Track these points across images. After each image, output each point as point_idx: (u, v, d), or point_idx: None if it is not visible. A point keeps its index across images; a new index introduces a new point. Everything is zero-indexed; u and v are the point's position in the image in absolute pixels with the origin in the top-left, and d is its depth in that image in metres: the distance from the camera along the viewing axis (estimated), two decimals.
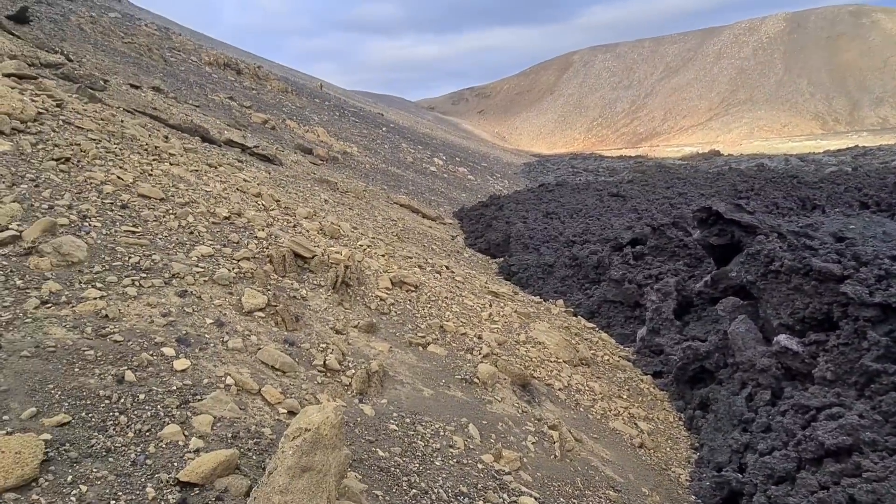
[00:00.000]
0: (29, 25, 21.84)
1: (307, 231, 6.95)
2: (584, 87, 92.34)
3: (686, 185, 27.25)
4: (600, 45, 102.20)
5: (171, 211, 5.49)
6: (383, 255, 7.68)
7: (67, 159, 5.54)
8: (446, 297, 7.07)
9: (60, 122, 6.43)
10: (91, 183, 5.33)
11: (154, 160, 6.74)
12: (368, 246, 7.87)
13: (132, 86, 21.76)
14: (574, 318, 10.39)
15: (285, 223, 6.84)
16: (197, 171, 7.27)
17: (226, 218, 5.89)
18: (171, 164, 6.91)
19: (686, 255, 11.31)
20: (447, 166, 43.14)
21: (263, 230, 5.99)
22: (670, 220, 12.17)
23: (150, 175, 6.12)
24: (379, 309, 6.02)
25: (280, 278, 5.35)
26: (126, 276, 4.27)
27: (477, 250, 19.55)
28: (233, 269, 5.07)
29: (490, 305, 7.64)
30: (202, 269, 4.81)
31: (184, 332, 3.92)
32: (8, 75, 7.80)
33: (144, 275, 4.39)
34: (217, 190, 6.69)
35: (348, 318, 5.42)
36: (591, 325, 10.46)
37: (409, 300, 6.50)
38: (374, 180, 28.93)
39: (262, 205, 7.22)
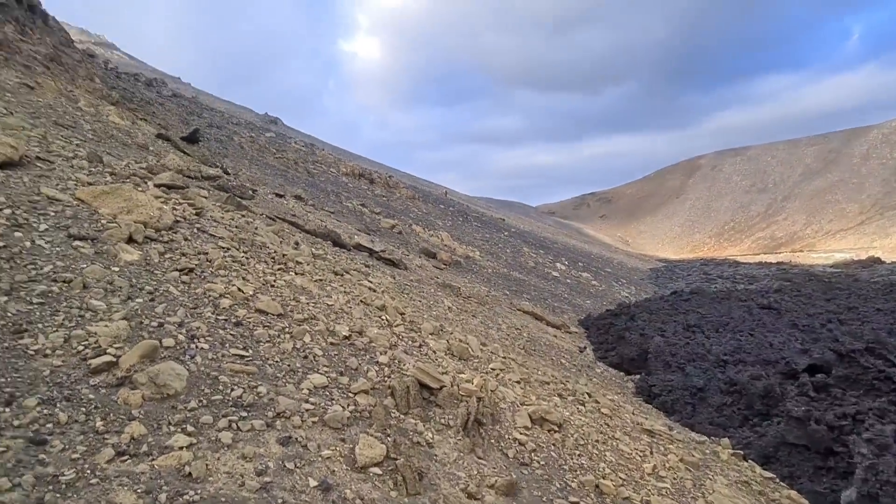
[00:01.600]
0: (198, 145, 24.38)
1: (434, 352, 6.06)
2: (713, 191, 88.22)
3: (851, 297, 23.76)
4: (729, 148, 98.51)
5: (287, 329, 4.86)
6: (518, 382, 6.54)
7: (191, 270, 5.18)
8: (596, 441, 5.72)
9: (195, 230, 6.23)
10: (209, 296, 4.87)
11: (279, 269, 6.33)
12: (501, 370, 6.79)
13: (277, 195, 23.20)
14: (745, 463, 8.39)
15: (410, 342, 6.01)
16: (321, 280, 6.77)
17: (346, 338, 5.16)
18: (295, 273, 6.46)
19: (891, 391, 9.00)
20: (570, 271, 41.74)
21: (386, 353, 5.17)
22: (862, 344, 9.93)
23: (272, 286, 5.64)
24: (518, 457, 4.83)
25: (402, 416, 4.41)
26: (224, 416, 3.54)
27: (608, 364, 17.70)
28: (348, 405, 4.22)
29: (650, 451, 6.13)
30: (312, 406, 4.00)
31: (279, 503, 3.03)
32: (159, 185, 7.98)
33: (245, 413, 3.64)
34: (340, 303, 6.06)
35: (482, 472, 4.29)
36: (768, 474, 8.38)
37: (554, 444, 5.26)
38: (496, 285, 28.11)
39: (386, 319, 6.49)
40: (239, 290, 5.15)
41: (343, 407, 4.16)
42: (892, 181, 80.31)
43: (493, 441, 4.84)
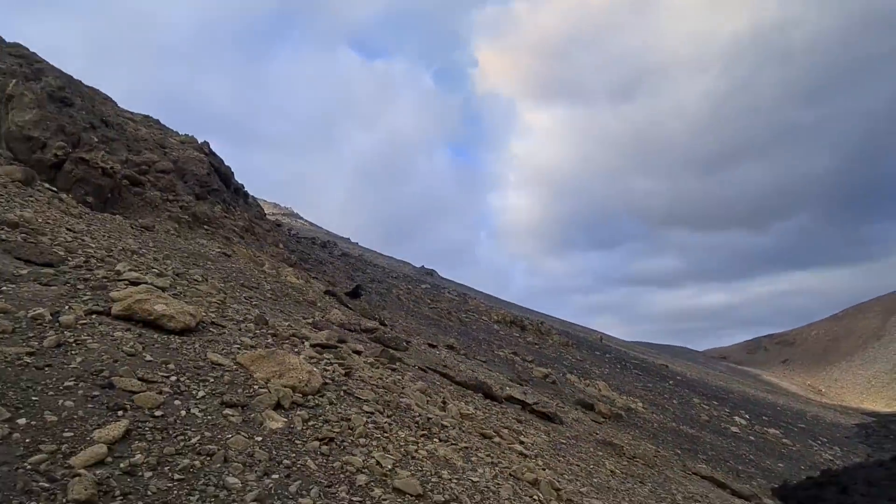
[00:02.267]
0: (360, 299, 26.11)
1: None
2: None
3: None
4: None
5: None
6: None
7: (332, 439, 4.95)
8: None
9: (341, 394, 6.14)
10: (346, 471, 4.54)
11: (423, 436, 5.90)
12: None
13: (430, 345, 23.59)
14: None
15: None
16: (467, 448, 6.19)
17: None
18: (439, 440, 5.99)
19: None
20: (752, 426, 36.52)
21: None
22: None
23: (413, 458, 5.19)
24: None
25: None
26: None
27: None
28: None
29: None
30: None
31: None
32: (315, 345, 8.23)
33: None
34: (486, 478, 5.39)
35: None
36: None
37: None
38: (664, 442, 25.21)
39: (538, 500, 5.62)
40: (378, 463, 4.77)
41: None
42: None
43: None
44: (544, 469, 7.33)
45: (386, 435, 5.48)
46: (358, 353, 13.13)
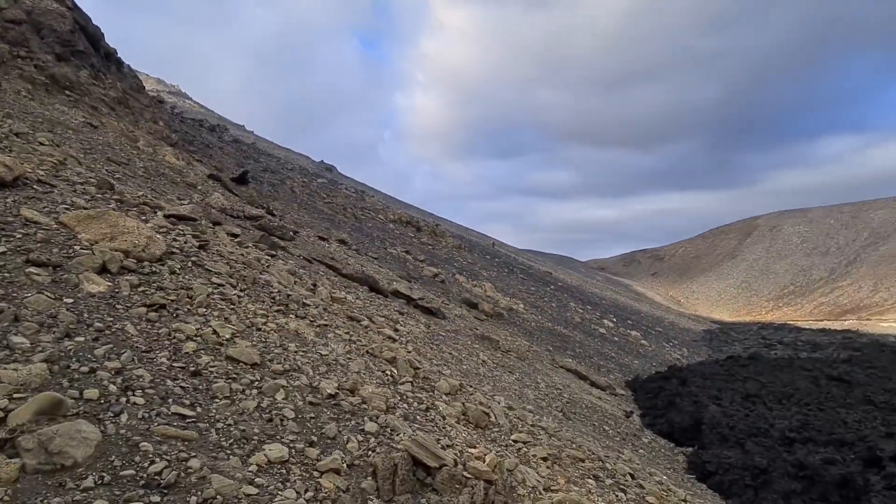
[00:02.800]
0: (247, 186, 24.54)
1: (442, 417, 5.03)
2: (772, 253, 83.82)
3: None
4: (789, 209, 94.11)
5: (257, 383, 3.99)
6: (545, 459, 5.38)
7: (163, 307, 4.44)
8: None
9: (188, 264, 5.55)
10: (174, 338, 4.09)
11: (277, 311, 5.53)
12: (526, 442, 5.66)
13: (321, 238, 22.87)
14: None
15: (415, 404, 5.01)
16: (326, 325, 5.92)
17: (330, 396, 4.24)
18: (296, 316, 5.65)
19: None
20: (618, 329, 39.73)
21: (378, 417, 4.19)
22: None
23: (259, 330, 4.82)
24: None
25: None
26: (126, 501, 2.65)
27: (657, 432, 16.04)
28: (306, 489, 3.25)
29: None
30: (256, 491, 3.05)
31: None
32: (170, 216, 7.43)
33: (157, 498, 2.74)
34: (336, 353, 5.15)
35: None
36: None
37: None
38: (538, 339, 26.70)
39: (391, 375, 5.51)
40: (214, 332, 4.35)
41: (298, 493, 3.20)
42: None
43: None
44: (410, 352, 7.29)
45: (232, 307, 5.03)
46: (234, 235, 12.32)
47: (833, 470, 9.57)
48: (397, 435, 4.18)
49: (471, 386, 7.14)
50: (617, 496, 5.52)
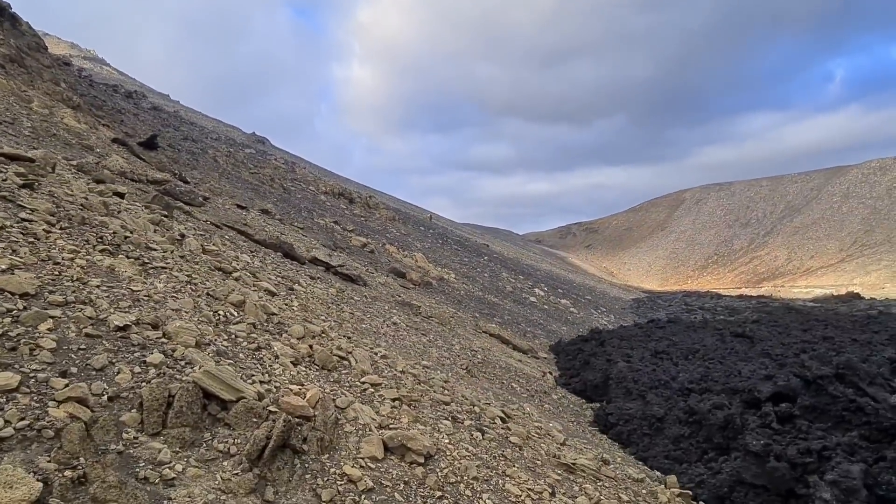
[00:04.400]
0: (156, 151, 23.06)
1: (275, 357, 4.62)
2: (697, 224, 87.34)
3: (828, 328, 22.46)
4: (713, 183, 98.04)
5: (15, 312, 3.44)
6: (395, 400, 5.06)
7: None
8: (475, 478, 4.28)
9: None
10: None
11: (101, 250, 4.91)
12: (376, 385, 5.31)
13: (239, 206, 21.81)
14: (692, 503, 6.92)
15: (244, 343, 4.56)
16: (162, 268, 5.32)
17: (119, 328, 3.74)
18: (127, 257, 5.04)
19: (863, 424, 7.58)
20: (548, 297, 40.29)
21: (175, 351, 3.73)
22: (831, 370, 8.52)
23: (55, 264, 4.24)
24: (335, 501, 3.39)
25: (143, 438, 2.99)
26: None
27: (570, 391, 16.24)
28: (21, 418, 2.76)
29: (552, 493, 4.67)
30: None
31: None
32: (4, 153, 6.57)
33: None
34: (155, 290, 4.61)
35: None
36: None
37: (406, 482, 3.83)
38: (466, 307, 26.59)
39: (225, 315, 5.01)
40: None
41: (8, 420, 2.74)
42: (872, 220, 79.90)
43: (306, 477, 3.42)
44: (288, 307, 6.78)
45: (31, 241, 4.40)
46: (120, 195, 11.37)
47: (718, 414, 9.78)
48: (189, 367, 3.73)
49: (336, 334, 6.72)
50: (472, 436, 5.28)
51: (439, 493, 3.97)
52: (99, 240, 5.17)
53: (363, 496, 3.61)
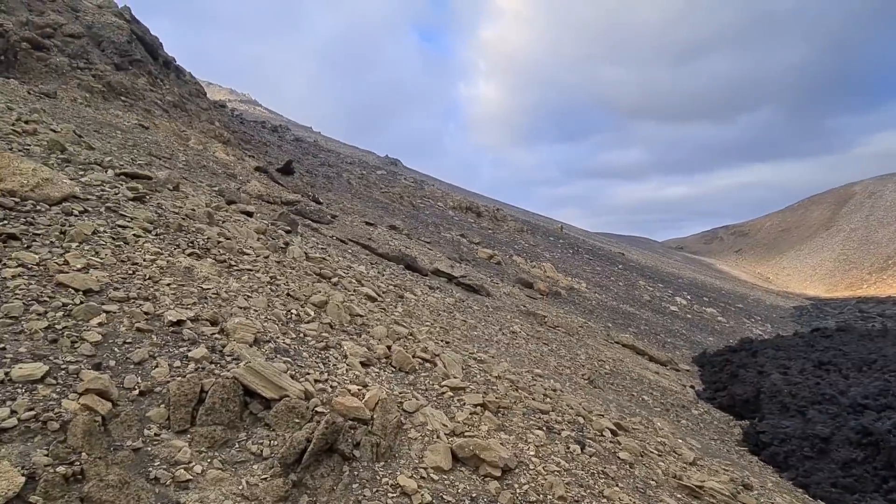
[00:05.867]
0: (292, 175, 24.73)
1: (344, 357, 4.27)
2: (872, 221, 75.63)
3: None
4: (890, 173, 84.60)
5: (70, 306, 3.44)
6: (477, 405, 4.45)
7: (13, 237, 3.97)
8: (562, 497, 3.57)
9: (98, 208, 5.10)
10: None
11: (189, 254, 4.96)
12: (458, 388, 4.75)
13: (367, 223, 22.65)
14: None
15: (312, 342, 4.26)
16: (249, 271, 5.28)
17: (173, 324, 3.63)
18: (215, 260, 5.06)
19: None
20: (691, 306, 37.09)
21: (224, 347, 3.51)
22: None
23: (134, 264, 4.30)
24: None
25: (163, 435, 2.75)
26: None
27: (716, 406, 14.46)
28: (28, 408, 2.62)
29: None
30: None
31: None
32: (120, 174, 7.09)
33: None
34: (227, 288, 4.50)
35: None
36: None
37: (472, 497, 3.25)
38: (598, 317, 25.18)
39: (298, 315, 4.78)
40: (63, 262, 3.86)
41: (15, 410, 2.61)
42: None
43: (353, 486, 3.00)
44: (383, 310, 6.55)
45: (119, 244, 4.52)
46: (248, 214, 12.09)
47: None
48: (237, 364, 3.51)
49: (446, 342, 6.31)
50: (568, 449, 4.55)
51: None
52: (189, 244, 5.31)
53: None
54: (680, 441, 7.01)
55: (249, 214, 11.92)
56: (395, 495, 3.20)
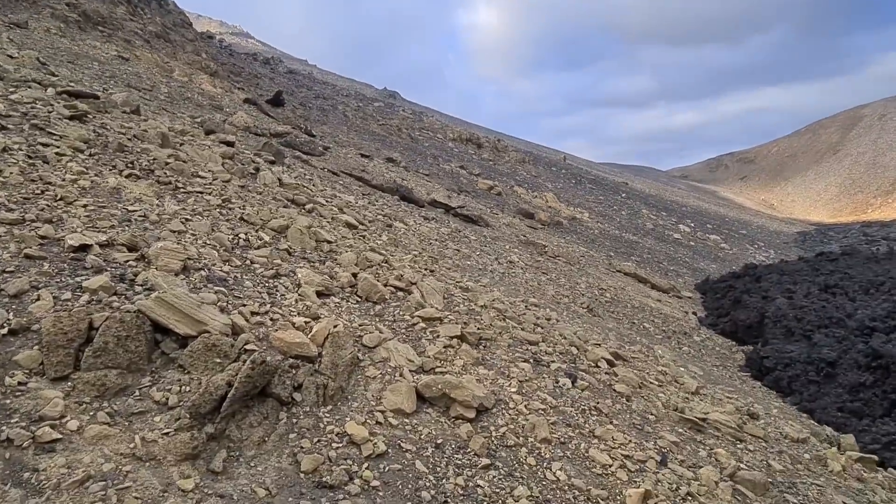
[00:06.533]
0: (283, 107, 23.58)
1: (296, 287, 3.68)
2: (881, 144, 73.31)
3: None
4: None
5: None
6: (454, 338, 3.89)
7: None
8: (545, 440, 3.08)
9: (24, 125, 4.41)
10: None
11: (128, 176, 4.33)
12: (433, 319, 4.17)
13: (363, 155, 21.73)
14: (880, 474, 5.09)
15: (260, 270, 3.67)
16: (195, 193, 4.64)
17: (74, 249, 3.03)
18: (158, 182, 4.42)
19: None
20: (695, 234, 36.41)
21: (136, 276, 2.93)
22: None
23: (47, 184, 3.67)
24: (324, 472, 2.39)
25: (31, 382, 2.22)
26: None
27: (718, 332, 14.06)
28: None
29: (661, 463, 3.30)
30: None
31: None
32: (62, 92, 6.30)
33: None
34: (162, 211, 3.89)
35: None
36: None
37: (437, 444, 2.74)
38: (600, 247, 24.56)
39: (247, 239, 4.17)
40: None
41: None
42: None
43: (290, 437, 2.48)
44: (361, 241, 5.93)
45: (30, 163, 3.86)
46: (229, 144, 11.27)
47: None
48: (147, 294, 2.93)
49: (430, 270, 5.73)
50: (557, 383, 4.03)
51: (485, 462, 2.86)
52: (128, 165, 4.65)
53: (366, 465, 2.61)
54: (681, 369, 6.54)
55: (230, 144, 11.13)
56: (340, 445, 2.68)
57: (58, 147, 4.32)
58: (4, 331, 2.58)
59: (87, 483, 2.03)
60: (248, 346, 2.89)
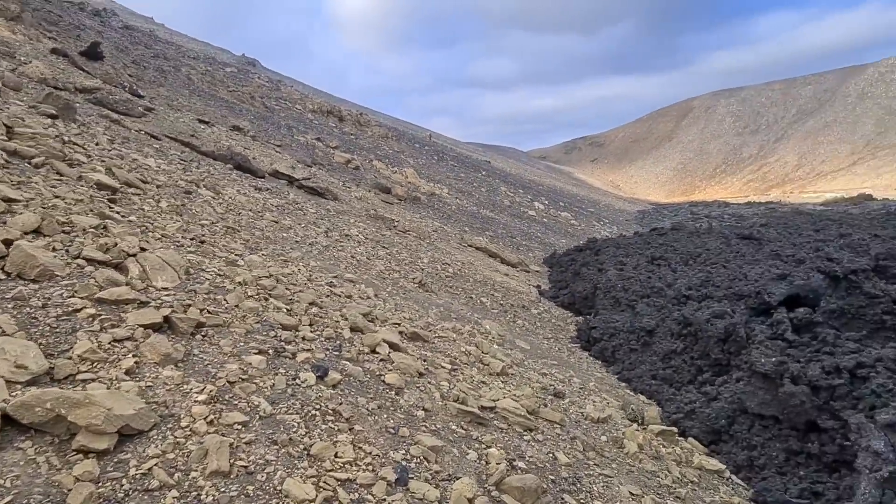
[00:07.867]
0: (100, 62, 20.26)
1: None
2: (706, 133, 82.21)
3: (843, 226, 19.87)
4: (723, 89, 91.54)
5: None
6: (143, 327, 2.79)
7: None
8: (216, 473, 2.13)
9: None
10: None
11: None
12: (121, 302, 3.12)
13: (201, 121, 19.24)
14: (678, 446, 4.85)
15: None
16: None
17: None
18: None
19: None
20: (548, 211, 37.75)
21: None
22: (868, 262, 6.18)
23: None
24: None
25: None
26: None
27: (559, 304, 14.14)
28: None
29: (394, 482, 2.52)
30: None
31: None
32: None
33: None
34: None
35: None
36: (714, 463, 4.82)
37: (31, 491, 1.73)
38: (456, 222, 24.20)
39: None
40: None
41: None
42: (886, 120, 74.48)
43: None
44: (105, 205, 4.55)
45: None
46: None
47: (718, 324, 7.57)
48: None
49: (179, 243, 4.50)
50: (293, 378, 3.09)
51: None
52: None
53: None
54: (496, 347, 5.99)
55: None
56: None
57: None
58: None
59: None
60: None
